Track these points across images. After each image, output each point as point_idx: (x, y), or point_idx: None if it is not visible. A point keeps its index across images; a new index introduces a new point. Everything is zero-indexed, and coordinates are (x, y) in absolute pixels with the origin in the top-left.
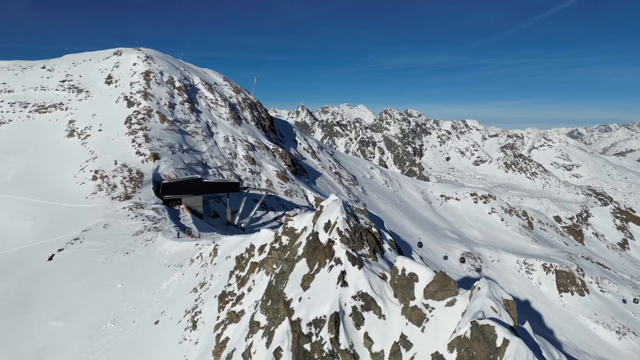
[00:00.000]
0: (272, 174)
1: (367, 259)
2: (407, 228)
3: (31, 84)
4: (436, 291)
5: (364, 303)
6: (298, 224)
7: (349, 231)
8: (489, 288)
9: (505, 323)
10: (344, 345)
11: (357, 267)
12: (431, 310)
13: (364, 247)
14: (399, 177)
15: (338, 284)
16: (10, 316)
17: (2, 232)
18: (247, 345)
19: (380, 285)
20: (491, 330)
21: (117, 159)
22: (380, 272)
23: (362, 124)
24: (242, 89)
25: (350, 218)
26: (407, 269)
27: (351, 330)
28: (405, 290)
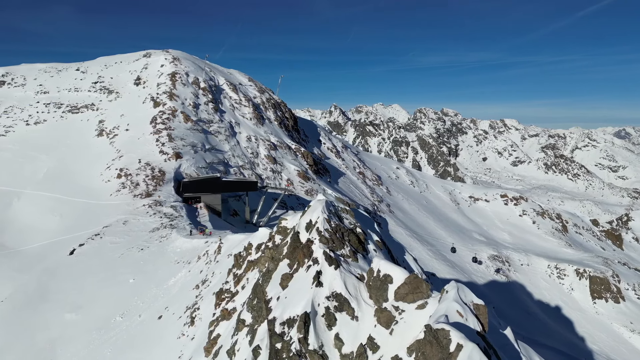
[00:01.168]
0: (293, 173)
1: (347, 259)
2: (433, 229)
3: (65, 85)
4: (407, 293)
5: (337, 304)
6: (290, 223)
7: (329, 231)
8: (457, 291)
9: (470, 328)
10: (312, 346)
11: (333, 267)
12: (401, 312)
13: (345, 247)
14: (426, 178)
15: (313, 284)
16: (29, 307)
17: (30, 227)
18: (232, 343)
19: (357, 286)
20: (445, 335)
21: (141, 158)
22: (359, 273)
23: (395, 123)
24: (267, 89)
25: (333, 218)
26: (382, 270)
27: (322, 330)
28: (378, 292)
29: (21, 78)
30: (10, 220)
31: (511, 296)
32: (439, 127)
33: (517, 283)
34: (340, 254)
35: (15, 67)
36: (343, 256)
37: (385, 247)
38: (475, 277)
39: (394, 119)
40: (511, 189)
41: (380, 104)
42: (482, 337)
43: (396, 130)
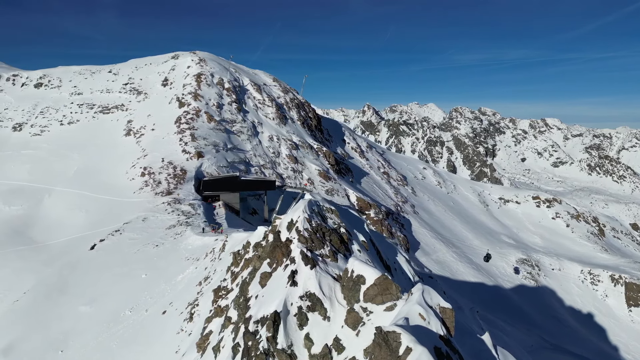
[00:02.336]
0: (314, 172)
1: (325, 259)
2: (459, 231)
3: (98, 86)
4: (376, 295)
5: (310, 304)
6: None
7: (309, 230)
8: (422, 294)
9: (431, 331)
10: (281, 345)
11: (309, 267)
12: (369, 314)
13: (324, 247)
14: (454, 178)
15: (288, 283)
16: (48, 299)
17: (58, 222)
18: (218, 340)
19: (332, 286)
20: (396, 338)
21: (165, 157)
22: (337, 273)
23: (429, 122)
24: (291, 89)
25: (314, 217)
26: (356, 270)
27: (293, 330)
28: (350, 293)
29: (57, 80)
30: (41, 216)
31: (540, 301)
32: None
33: (547, 288)
34: (319, 254)
35: (52, 70)
36: (322, 256)
37: (374, 247)
38: (502, 281)
39: (429, 118)
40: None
41: (416, 103)
42: (445, 342)
43: (430, 130)
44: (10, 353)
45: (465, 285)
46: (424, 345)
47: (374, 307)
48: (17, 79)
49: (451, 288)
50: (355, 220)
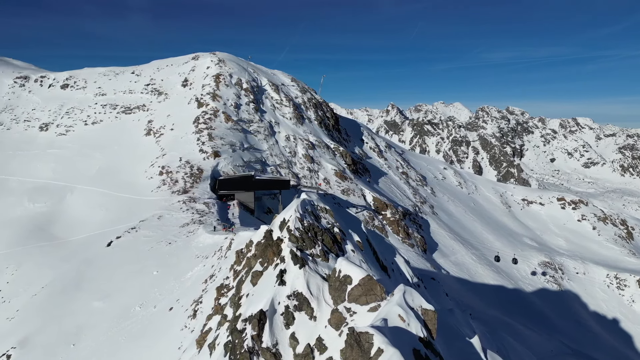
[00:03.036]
0: (330, 172)
1: (316, 259)
2: (479, 233)
3: (121, 87)
4: (360, 295)
5: (297, 303)
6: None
7: (300, 230)
8: (403, 295)
9: (411, 333)
10: (266, 344)
11: (298, 266)
12: (352, 314)
13: (316, 247)
14: (475, 179)
15: (276, 282)
16: (64, 294)
17: (79, 220)
18: (214, 337)
19: (321, 286)
20: (368, 339)
21: (182, 156)
22: (327, 273)
23: (455, 122)
24: (310, 89)
25: (307, 217)
26: (343, 270)
27: (279, 329)
28: (336, 293)
29: (82, 81)
30: (63, 213)
31: (563, 306)
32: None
33: (570, 292)
34: (310, 254)
35: (78, 71)
36: (312, 255)
37: (370, 247)
38: (523, 284)
39: (454, 117)
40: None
41: (441, 103)
42: (426, 344)
43: (456, 130)
44: (25, 345)
45: (484, 287)
46: (396, 347)
47: (358, 308)
48: (45, 80)
49: (469, 291)
50: (352, 220)
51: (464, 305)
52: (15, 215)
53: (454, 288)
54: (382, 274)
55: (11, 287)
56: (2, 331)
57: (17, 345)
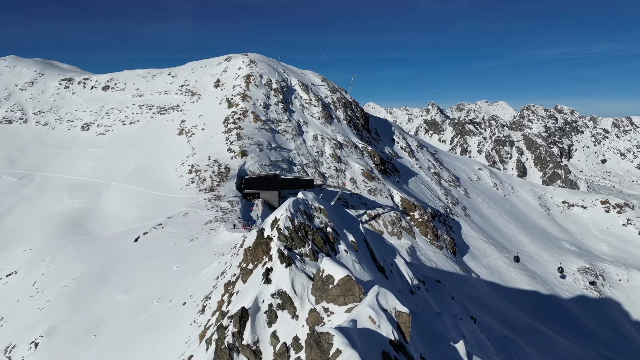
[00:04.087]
0: (357, 172)
1: (304, 258)
2: (514, 236)
3: (157, 88)
4: (339, 295)
5: (280, 301)
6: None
7: (290, 229)
8: (376, 296)
9: (380, 335)
10: (247, 341)
11: (284, 265)
12: (330, 314)
13: (305, 246)
14: (513, 180)
15: (262, 280)
16: (91, 287)
17: (112, 216)
18: (212, 332)
19: (306, 285)
20: (328, 339)
21: (211, 155)
22: (314, 272)
23: (498, 121)
24: (340, 89)
25: (298, 216)
26: (326, 270)
27: (261, 327)
28: (318, 292)
29: (122, 83)
30: (98, 209)
31: (603, 314)
32: (550, 125)
33: (611, 300)
34: (299, 253)
35: (119, 73)
36: (301, 255)
37: (368, 248)
38: (559, 290)
39: (497, 117)
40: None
41: (484, 101)
42: (397, 346)
43: (499, 129)
44: (52, 334)
45: (516, 292)
46: (364, 349)
47: (336, 308)
48: (88, 82)
49: (500, 295)
50: (351, 220)
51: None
52: (54, 211)
53: (483, 292)
54: (379, 275)
55: (45, 278)
56: (34, 320)
57: (44, 334)
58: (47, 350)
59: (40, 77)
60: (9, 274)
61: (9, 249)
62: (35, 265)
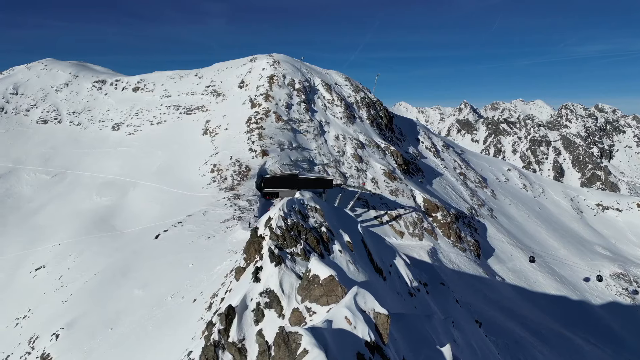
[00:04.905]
0: (378, 172)
1: (296, 257)
2: (543, 239)
3: (184, 89)
4: (321, 295)
5: (268, 300)
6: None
7: (282, 228)
8: (354, 297)
9: (357, 336)
10: (232, 338)
11: (274, 264)
12: (312, 314)
13: (297, 245)
14: (543, 181)
15: (252, 278)
16: (111, 282)
17: (137, 213)
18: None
19: (294, 285)
20: (296, 339)
21: (233, 155)
22: (303, 272)
23: (534, 121)
24: (363, 88)
25: (292, 216)
26: (312, 270)
27: (248, 325)
28: (304, 292)
29: (151, 84)
30: (124, 206)
31: (636, 322)
32: (589, 125)
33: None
34: (290, 252)
35: (148, 75)
36: (292, 254)
37: (365, 248)
38: (590, 296)
39: (533, 116)
40: None
41: (520, 100)
42: (374, 348)
43: (535, 129)
44: (72, 327)
45: (543, 297)
46: (339, 350)
47: (318, 308)
48: (119, 83)
49: (526, 299)
50: (349, 221)
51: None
52: (84, 208)
53: (507, 296)
54: (376, 276)
55: (71, 273)
56: (57, 313)
57: (65, 327)
58: (66, 342)
59: (74, 79)
60: (38, 268)
61: (40, 243)
62: (62, 260)
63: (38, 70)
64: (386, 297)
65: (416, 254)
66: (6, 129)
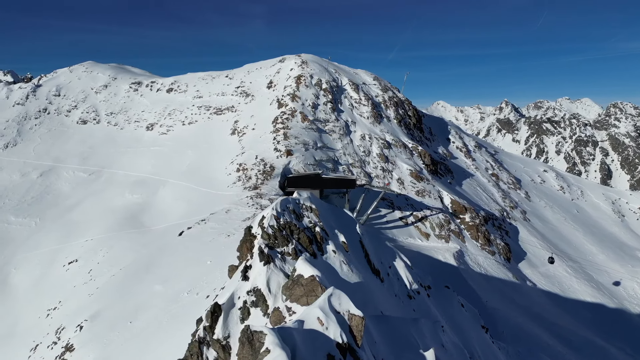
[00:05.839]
0: (405, 172)
1: (286, 257)
2: (580, 243)
3: (215, 90)
4: (302, 295)
5: (254, 299)
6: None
7: (274, 227)
8: (328, 298)
9: (329, 338)
10: (217, 335)
11: (262, 263)
12: (292, 314)
13: (289, 245)
14: (582, 183)
15: (241, 277)
16: (135, 276)
17: (165, 210)
18: None
19: (282, 284)
20: (260, 338)
21: (258, 154)
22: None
23: (580, 120)
24: (392, 87)
25: (285, 215)
26: (298, 270)
27: (234, 323)
28: (288, 292)
29: (184, 85)
30: (154, 204)
31: None
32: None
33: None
34: (280, 251)
35: (182, 76)
36: (283, 254)
37: (363, 249)
38: (629, 304)
39: (579, 115)
40: None
41: (566, 98)
42: (347, 350)
43: (581, 128)
44: (95, 319)
45: (577, 304)
46: (282, 349)
47: (298, 308)
48: (154, 85)
49: (558, 306)
50: (347, 221)
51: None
52: (117, 205)
53: (537, 302)
54: (372, 277)
55: (100, 267)
56: (83, 305)
57: (89, 318)
58: (89, 334)
59: (113, 81)
60: (71, 262)
61: (74, 238)
62: (93, 255)
63: (79, 72)
64: (381, 299)
65: (441, 256)
66: (48, 129)
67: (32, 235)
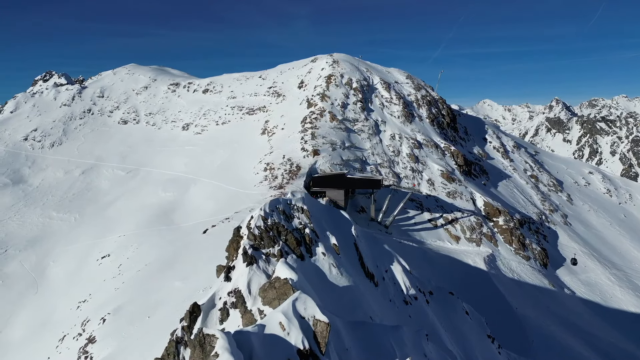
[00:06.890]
0: (436, 173)
1: (271, 258)
2: (625, 250)
3: (248, 90)
4: (274, 298)
5: (234, 300)
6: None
7: (261, 228)
8: (292, 303)
9: (290, 343)
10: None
11: (245, 264)
12: (264, 317)
13: (275, 246)
14: (632, 186)
15: (223, 277)
16: (159, 272)
17: (194, 208)
18: None
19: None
20: (211, 341)
21: (286, 154)
22: None
23: (637, 119)
24: (425, 86)
25: (273, 216)
26: (276, 272)
27: (213, 323)
28: (264, 294)
29: (219, 86)
30: (185, 202)
31: None
32: None
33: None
34: (266, 253)
35: (218, 77)
36: (268, 255)
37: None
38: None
39: (636, 114)
40: None
41: (623, 96)
42: (306, 357)
43: (638, 128)
44: (117, 313)
45: (619, 314)
46: (232, 354)
47: (269, 311)
48: (191, 86)
49: (597, 315)
50: (341, 223)
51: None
52: (150, 202)
53: (575, 311)
54: (366, 281)
55: (129, 262)
56: (108, 299)
57: (112, 312)
58: (110, 327)
59: (153, 82)
60: (104, 257)
61: (108, 233)
62: (124, 250)
63: (122, 75)
64: (373, 304)
65: (471, 260)
66: (92, 129)
67: (71, 230)
